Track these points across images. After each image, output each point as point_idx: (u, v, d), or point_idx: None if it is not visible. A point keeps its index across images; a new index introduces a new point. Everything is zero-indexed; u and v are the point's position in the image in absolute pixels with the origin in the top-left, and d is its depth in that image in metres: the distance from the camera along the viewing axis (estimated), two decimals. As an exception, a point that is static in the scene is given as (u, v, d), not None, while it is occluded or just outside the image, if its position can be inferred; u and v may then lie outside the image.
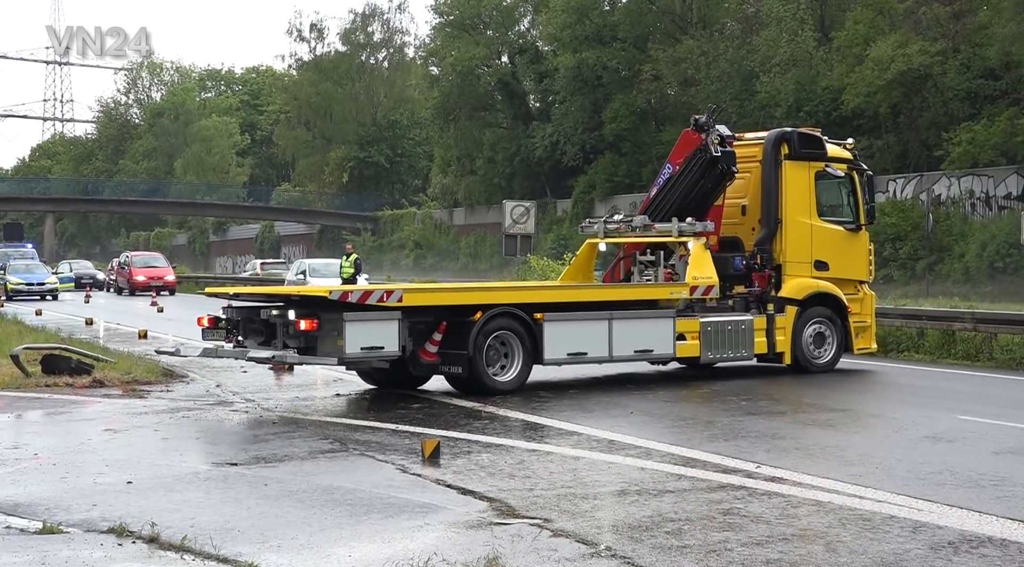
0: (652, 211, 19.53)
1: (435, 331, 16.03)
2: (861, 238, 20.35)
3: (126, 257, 61.72)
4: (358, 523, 9.02)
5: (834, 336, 19.62)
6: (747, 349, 18.66)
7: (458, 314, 16.18)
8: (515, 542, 8.35)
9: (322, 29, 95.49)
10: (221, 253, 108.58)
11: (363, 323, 15.28)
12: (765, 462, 11.27)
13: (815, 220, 19.77)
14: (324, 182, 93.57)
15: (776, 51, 51.86)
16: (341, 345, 15.12)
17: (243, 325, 16.42)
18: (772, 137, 19.81)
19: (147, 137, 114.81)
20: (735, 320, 18.59)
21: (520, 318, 16.44)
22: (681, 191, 19.36)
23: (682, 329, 17.88)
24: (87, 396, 16.66)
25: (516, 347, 16.44)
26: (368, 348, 15.34)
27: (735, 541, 8.39)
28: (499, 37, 75.33)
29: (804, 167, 19.67)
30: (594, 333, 17.07)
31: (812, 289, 19.50)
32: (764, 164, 19.56)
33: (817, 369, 19.37)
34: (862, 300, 20.23)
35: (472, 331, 15.98)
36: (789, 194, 19.51)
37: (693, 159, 19.16)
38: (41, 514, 9.21)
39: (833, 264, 19.84)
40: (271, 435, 13.31)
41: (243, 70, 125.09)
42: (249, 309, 16.64)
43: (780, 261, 19.45)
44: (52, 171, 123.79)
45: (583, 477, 10.83)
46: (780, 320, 19.07)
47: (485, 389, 16.19)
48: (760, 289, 19.21)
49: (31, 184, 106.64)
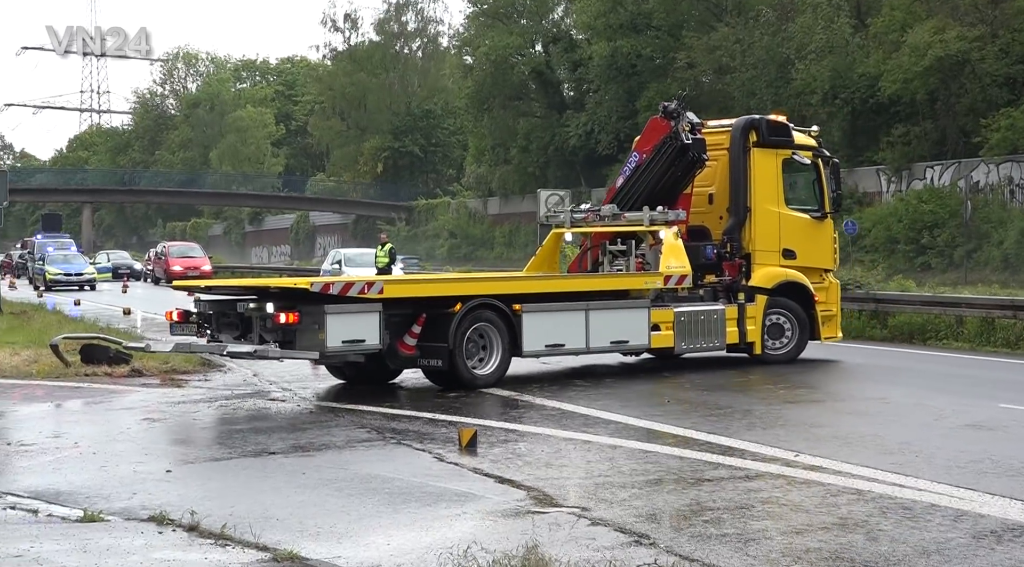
0: (620, 200, 19.16)
1: (414, 324, 15.61)
2: (827, 226, 20.09)
3: (163, 247, 61.99)
4: (396, 511, 9.03)
5: (794, 326, 19.26)
6: (719, 339, 18.35)
7: (437, 306, 15.78)
8: (553, 530, 8.34)
9: (356, 19, 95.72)
10: (257, 243, 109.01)
11: (344, 316, 14.87)
12: (804, 450, 11.21)
13: (783, 208, 19.49)
14: (359, 172, 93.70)
15: (812, 38, 51.50)
16: (322, 338, 14.66)
17: (216, 319, 15.91)
18: (740, 124, 19.49)
19: (183, 128, 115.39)
20: (708, 310, 18.30)
21: (499, 310, 16.07)
22: (651, 180, 19.02)
23: (656, 319, 17.59)
24: (126, 385, 16.75)
25: (495, 339, 16.06)
26: (349, 341, 14.91)
27: (774, 530, 8.36)
28: (533, 26, 75.17)
29: (772, 155, 19.38)
30: (571, 324, 16.76)
31: (781, 278, 19.21)
32: (732, 152, 19.23)
33: (776, 359, 19.00)
34: (827, 289, 19.93)
35: (452, 323, 15.59)
36: (758, 182, 19.20)
37: (663, 147, 18.80)
38: (82, 502, 9.27)
39: (800, 253, 19.56)
40: (308, 424, 13.35)
41: (278, 60, 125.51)
42: (223, 302, 16.09)
43: (749, 250, 19.13)
44: (89, 162, 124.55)
45: (620, 466, 10.81)
46: (751, 309, 18.77)
47: (464, 383, 15.78)
48: (731, 278, 18.86)
49: (69, 175, 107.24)
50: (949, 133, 49.40)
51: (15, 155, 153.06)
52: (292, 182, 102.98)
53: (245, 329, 15.42)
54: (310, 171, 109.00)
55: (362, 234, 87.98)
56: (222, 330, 15.79)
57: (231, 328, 15.65)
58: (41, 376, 17.44)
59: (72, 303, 34.34)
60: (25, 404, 15.43)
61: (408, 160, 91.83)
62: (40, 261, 55.76)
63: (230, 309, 15.68)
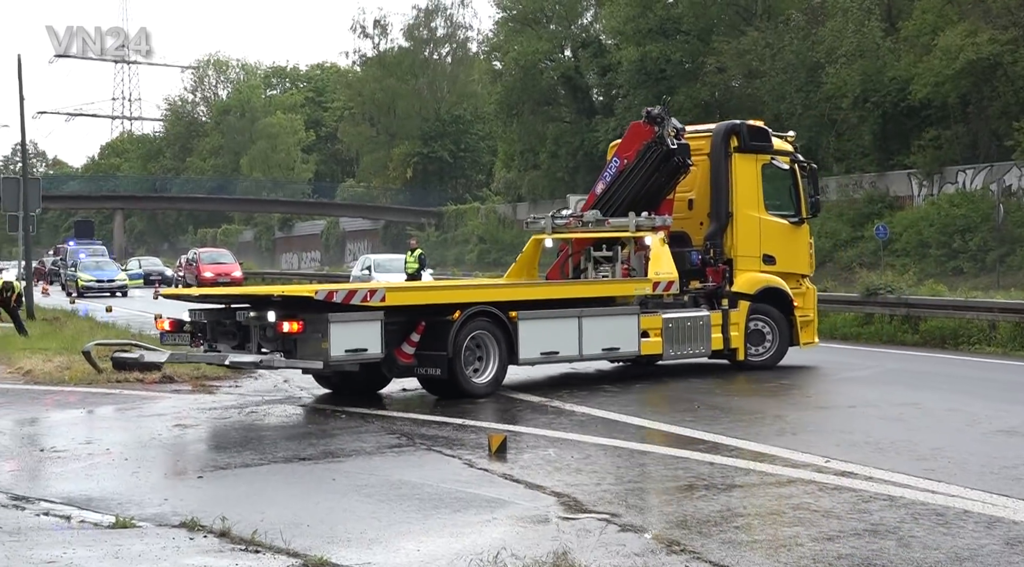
0: (602, 206, 18.92)
1: (413, 332, 15.35)
2: (803, 232, 20.00)
3: (194, 254, 62.20)
4: (426, 518, 9.02)
5: (775, 332, 19.11)
6: (704, 345, 18.19)
7: (437, 313, 15.56)
8: (583, 537, 8.32)
9: (385, 25, 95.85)
10: (287, 249, 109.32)
11: (347, 324, 14.53)
12: (835, 456, 11.15)
13: (763, 214, 19.36)
14: (388, 178, 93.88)
15: (842, 42, 51.27)
16: (325, 347, 14.32)
17: (211, 328, 15.56)
18: (722, 129, 19.38)
19: (214, 135, 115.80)
20: (694, 316, 18.15)
21: (496, 317, 15.86)
22: (634, 185, 18.79)
23: (645, 326, 17.44)
24: (157, 392, 16.84)
25: (492, 347, 15.84)
26: (352, 350, 14.57)
27: (805, 536, 8.31)
28: (562, 31, 75.15)
29: (752, 160, 19.26)
30: (565, 331, 16.58)
31: (763, 284, 19.10)
32: (713, 157, 19.10)
33: (757, 365, 18.87)
34: (805, 294, 19.79)
35: (451, 331, 15.34)
36: (739, 187, 19.08)
37: (647, 152, 18.59)
38: (114, 508, 9.31)
39: (779, 258, 19.45)
40: (338, 430, 13.37)
41: (308, 67, 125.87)
42: (219, 311, 15.81)
43: (731, 255, 19.01)
44: (121, 169, 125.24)
45: (650, 472, 10.78)
46: (734, 315, 18.63)
47: (463, 392, 15.53)
48: (715, 284, 18.71)
49: (101, 182, 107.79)
50: (981, 136, 49.09)
51: (48, 162, 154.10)
52: (322, 188, 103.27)
53: (243, 338, 15.13)
54: (340, 177, 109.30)
55: (392, 240, 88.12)
56: (219, 339, 15.46)
57: (228, 337, 15.35)
58: (74, 382, 17.56)
59: (104, 309, 34.53)
60: (58, 410, 15.53)
61: (437, 166, 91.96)
62: (72, 268, 56.11)
63: (228, 318, 15.37)
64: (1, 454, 12.16)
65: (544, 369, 18.38)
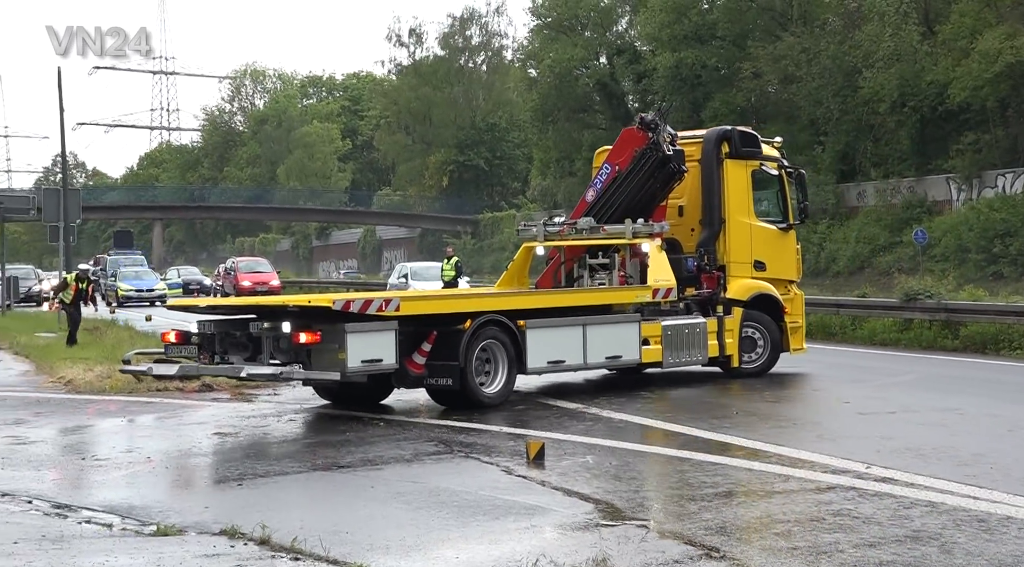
0: (595, 214, 18.73)
1: (424, 341, 15.13)
2: (791, 237, 19.90)
3: (232, 263, 62.38)
4: (465, 525, 9.04)
5: (766, 339, 18.96)
6: (702, 352, 18.04)
7: (448, 323, 15.33)
8: (622, 544, 8.32)
9: (421, 34, 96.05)
10: (324, 258, 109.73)
11: (364, 334, 14.28)
12: (875, 462, 11.09)
13: (754, 220, 19.26)
14: (424, 186, 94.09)
15: (879, 46, 50.98)
16: (342, 358, 14.00)
17: (220, 339, 15.16)
18: (714, 135, 19.25)
19: (251, 144, 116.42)
20: (691, 323, 18.00)
21: (505, 326, 15.68)
22: (629, 192, 18.61)
23: (646, 334, 17.30)
24: (196, 400, 16.94)
25: (501, 356, 15.65)
26: (368, 361, 14.29)
27: (846, 542, 8.27)
28: (597, 38, 75.09)
29: (743, 166, 19.14)
30: (571, 340, 16.44)
31: (756, 290, 18.98)
32: (704, 163, 18.96)
33: (749, 372, 18.73)
34: (793, 300, 19.67)
35: (463, 340, 15.13)
36: (731, 194, 18.96)
37: (643, 158, 18.42)
38: (155, 516, 9.37)
39: (769, 264, 19.35)
40: (377, 437, 13.40)
41: (344, 76, 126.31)
42: (228, 322, 15.47)
43: (724, 262, 18.89)
44: (160, 179, 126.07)
45: (689, 478, 10.75)
46: (729, 322, 18.50)
47: (475, 402, 15.31)
48: (709, 291, 18.57)
49: (140, 192, 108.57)
50: (1021, 140, 48.70)
51: (88, 173, 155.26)
52: (358, 197, 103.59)
53: (255, 350, 14.78)
54: (376, 185, 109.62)
55: (428, 248, 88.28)
56: (229, 351, 15.09)
57: (240, 349, 14.98)
58: (114, 391, 17.68)
59: (143, 319, 34.73)
60: (99, 419, 15.66)
61: (473, 173, 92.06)
62: (112, 277, 56.46)
63: (239, 329, 15.02)
64: (44, 463, 12.26)
65: (582, 376, 18.38)
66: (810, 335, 26.73)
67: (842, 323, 26.94)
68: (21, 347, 25.58)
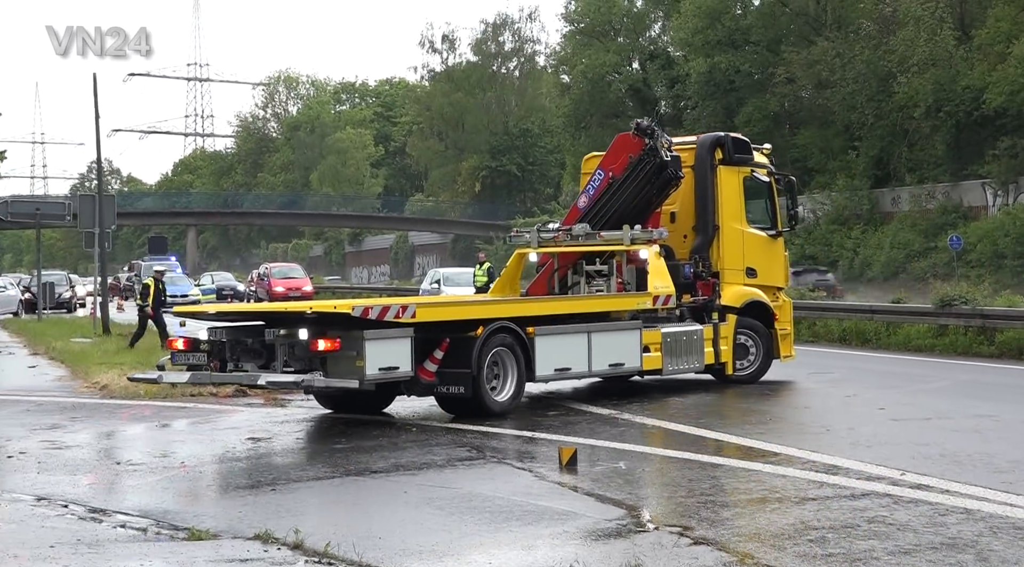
0: (589, 220, 18.45)
1: (436, 349, 14.80)
2: (779, 244, 19.76)
3: (265, 268, 62.63)
4: (497, 530, 9.03)
5: (758, 346, 18.79)
6: (699, 360, 17.85)
7: (461, 330, 15.10)
8: (655, 550, 8.29)
9: (454, 40, 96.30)
10: (357, 264, 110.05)
11: (381, 341, 14.02)
12: (910, 469, 11.01)
13: (745, 226, 19.09)
14: (457, 191, 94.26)
15: (914, 51, 50.76)
16: (361, 366, 13.72)
17: (232, 347, 14.76)
18: (707, 141, 19.07)
19: (284, 150, 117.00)
20: (689, 330, 17.82)
21: (515, 333, 15.43)
22: (624, 198, 18.37)
23: (647, 341, 17.10)
24: (230, 405, 16.99)
25: (510, 364, 15.38)
26: (385, 368, 14.00)
27: (881, 550, 8.21)
28: (630, 43, 75.07)
29: (735, 172, 18.98)
30: (576, 347, 16.24)
31: (749, 297, 18.82)
32: (698, 169, 18.75)
33: (741, 380, 18.55)
34: (782, 307, 19.48)
35: (475, 347, 14.87)
36: (724, 200, 18.80)
37: (640, 165, 18.16)
38: (189, 520, 9.39)
39: (760, 271, 19.19)
40: (409, 443, 13.41)
41: (376, 82, 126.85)
42: (239, 329, 15.19)
43: (718, 268, 18.71)
44: (194, 185, 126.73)
45: (723, 484, 10.72)
46: (723, 329, 18.32)
47: (485, 410, 14.99)
48: (705, 298, 18.39)
49: (174, 198, 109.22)
50: (1058, 145, 48.37)
51: (123, 180, 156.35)
52: (391, 203, 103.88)
53: (270, 357, 14.46)
54: (409, 191, 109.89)
55: (460, 253, 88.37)
56: (241, 358, 14.72)
57: (253, 356, 14.63)
58: (148, 396, 17.76)
59: (178, 324, 34.88)
60: (133, 424, 15.75)
61: (506, 179, 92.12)
62: (147, 284, 56.57)
63: (251, 336, 14.73)
64: (79, 467, 12.33)
65: (614, 381, 18.34)
66: (845, 341, 26.75)
67: (876, 329, 26.77)
68: (57, 352, 25.76)
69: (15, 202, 45.89)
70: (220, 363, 14.79)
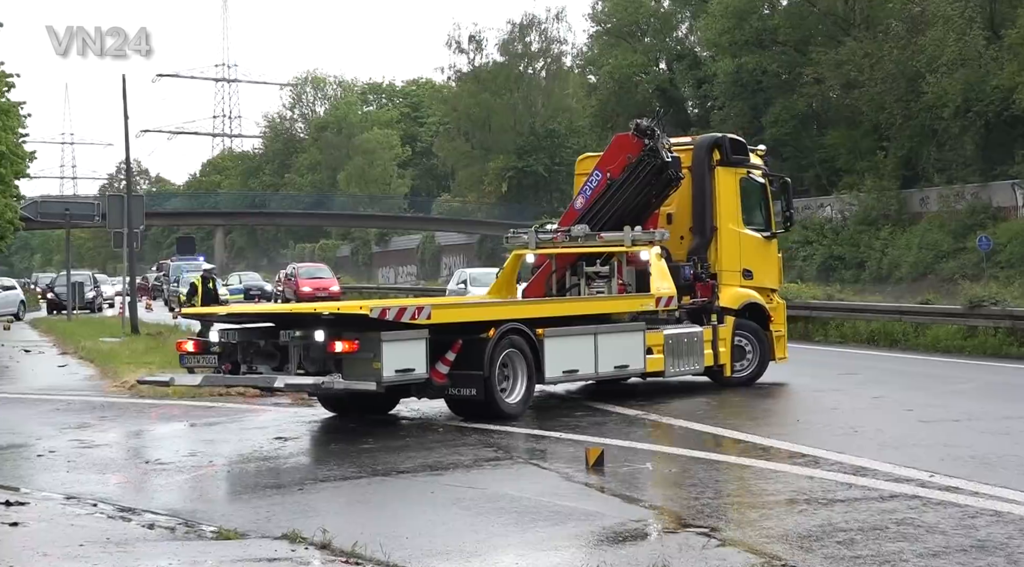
0: (587, 221, 18.20)
1: (448, 350, 14.61)
2: (774, 246, 19.59)
3: (292, 269, 62.67)
4: (524, 531, 9.02)
5: (755, 348, 18.59)
6: (699, 362, 17.69)
7: (473, 331, 14.90)
8: (683, 551, 8.27)
9: (480, 41, 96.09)
10: (383, 264, 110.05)
11: (398, 343, 13.85)
12: (939, 470, 10.94)
13: (742, 228, 18.92)
14: (483, 192, 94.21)
15: (943, 51, 50.43)
16: (378, 368, 13.51)
17: (243, 349, 14.55)
18: (705, 142, 18.91)
19: (311, 151, 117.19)
20: (690, 332, 17.65)
21: (526, 334, 15.27)
22: (624, 199, 18.18)
23: (650, 343, 16.93)
24: (258, 405, 17.03)
25: (520, 366, 15.19)
26: (401, 370, 13.80)
27: (910, 552, 8.17)
28: (657, 44, 74.94)
29: (732, 173, 18.81)
30: (583, 349, 16.07)
31: (746, 299, 18.65)
32: (695, 170, 18.55)
33: (738, 382, 18.36)
34: (776, 309, 19.30)
35: (487, 349, 14.68)
36: (722, 201, 18.64)
37: (639, 165, 17.96)
38: (217, 520, 9.43)
39: (756, 272, 19.01)
40: (436, 443, 13.42)
41: (403, 83, 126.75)
42: (252, 330, 15.01)
43: (715, 270, 18.54)
44: (222, 186, 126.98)
45: (750, 485, 10.69)
46: (722, 331, 18.14)
47: (496, 413, 14.78)
48: (704, 299, 18.18)
49: (202, 199, 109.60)
50: (1088, 146, 48.04)
51: (151, 180, 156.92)
52: (418, 203, 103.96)
53: (283, 359, 14.22)
54: (435, 192, 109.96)
55: (487, 254, 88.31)
56: (254, 361, 14.49)
57: (266, 358, 14.40)
58: (177, 396, 17.82)
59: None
60: (162, 423, 15.83)
61: (532, 180, 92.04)
62: (175, 283, 56.87)
63: (264, 338, 14.54)
64: (108, 466, 12.41)
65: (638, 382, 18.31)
66: (873, 342, 26.60)
67: (904, 330, 26.57)
68: (86, 352, 25.91)
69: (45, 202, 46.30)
70: (232, 365, 14.61)
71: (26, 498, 10.43)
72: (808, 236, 57.06)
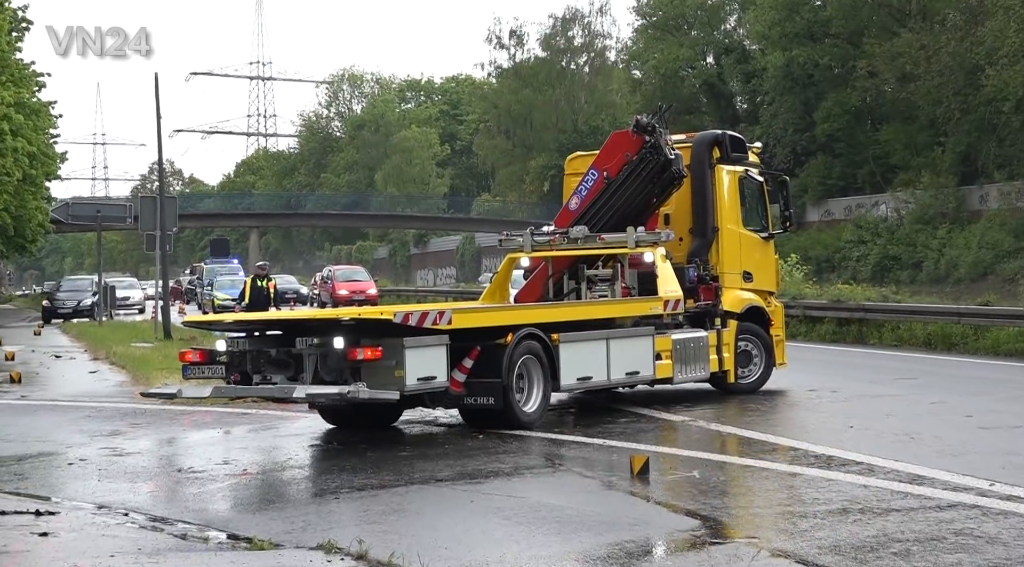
0: (584, 223, 17.65)
1: (466, 357, 14.11)
2: (771, 247, 19.17)
3: (329, 271, 62.23)
4: (566, 541, 8.77)
5: (761, 352, 18.15)
6: (705, 367, 17.17)
7: (492, 337, 14.38)
8: (732, 562, 8.04)
9: (521, 35, 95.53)
10: (422, 266, 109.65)
11: (420, 350, 13.32)
12: (1000, 479, 10.58)
13: (741, 228, 18.44)
14: (524, 191, 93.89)
15: (1004, 42, 49.39)
16: (400, 376, 13.02)
17: (253, 358, 13.88)
18: (705, 140, 18.37)
19: (348, 150, 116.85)
20: (696, 337, 17.13)
21: (542, 340, 14.79)
22: (624, 198, 17.67)
23: (658, 348, 16.44)
24: (293, 411, 16.79)
25: (536, 373, 14.70)
26: (423, 378, 13.33)
27: (969, 563, 7.89)
28: (704, 37, 74.42)
29: (732, 172, 18.32)
30: (596, 355, 15.60)
31: (748, 302, 18.18)
32: (695, 169, 17.96)
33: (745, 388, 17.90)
34: (774, 312, 18.84)
35: (505, 355, 14.19)
36: (722, 201, 18.13)
37: (641, 163, 17.43)
38: (251, 530, 9.23)
39: (755, 275, 18.54)
40: (475, 450, 13.16)
41: (442, 80, 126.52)
42: (263, 338, 14.28)
43: (717, 272, 18.02)
44: (256, 186, 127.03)
45: (801, 494, 10.39)
46: (726, 335, 17.65)
47: (514, 422, 14.30)
48: (708, 302, 17.66)
49: (236, 200, 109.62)
50: None
51: (184, 181, 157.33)
52: (457, 203, 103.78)
53: (298, 368, 13.63)
54: (475, 191, 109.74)
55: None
56: (265, 370, 13.84)
57: (279, 367, 13.77)
58: (210, 402, 17.58)
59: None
60: (195, 430, 15.68)
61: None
62: (209, 286, 56.33)
63: (276, 346, 13.88)
64: (140, 475, 12.25)
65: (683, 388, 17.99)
66: (930, 345, 26.06)
67: (963, 333, 25.84)
68: (117, 357, 25.83)
69: (76, 204, 46.23)
70: (242, 375, 13.95)
71: (56, 507, 10.29)
72: (862, 235, 56.56)
